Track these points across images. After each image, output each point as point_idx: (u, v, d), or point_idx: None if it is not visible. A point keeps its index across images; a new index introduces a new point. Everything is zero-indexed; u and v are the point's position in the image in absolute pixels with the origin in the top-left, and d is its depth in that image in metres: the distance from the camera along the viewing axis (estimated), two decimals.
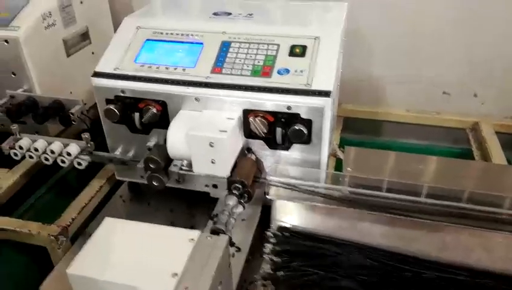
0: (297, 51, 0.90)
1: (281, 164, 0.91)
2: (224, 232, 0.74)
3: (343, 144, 1.27)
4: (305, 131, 0.84)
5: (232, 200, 0.82)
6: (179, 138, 0.85)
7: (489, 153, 1.22)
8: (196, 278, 0.62)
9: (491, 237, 0.83)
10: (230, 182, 0.84)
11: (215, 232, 0.75)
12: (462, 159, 1.33)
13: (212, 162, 0.83)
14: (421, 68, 1.43)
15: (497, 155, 1.20)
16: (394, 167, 0.95)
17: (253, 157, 0.91)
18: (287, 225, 0.91)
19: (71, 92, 1.24)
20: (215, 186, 0.89)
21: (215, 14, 1.04)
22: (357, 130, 1.50)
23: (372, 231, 0.88)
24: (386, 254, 0.84)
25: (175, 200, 1.06)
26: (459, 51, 1.38)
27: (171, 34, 0.98)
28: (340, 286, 0.82)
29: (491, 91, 1.42)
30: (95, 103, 0.96)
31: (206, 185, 0.97)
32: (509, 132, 1.36)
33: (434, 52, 1.39)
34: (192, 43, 0.96)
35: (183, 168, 0.89)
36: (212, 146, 0.81)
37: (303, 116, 0.85)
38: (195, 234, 0.68)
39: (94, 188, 1.06)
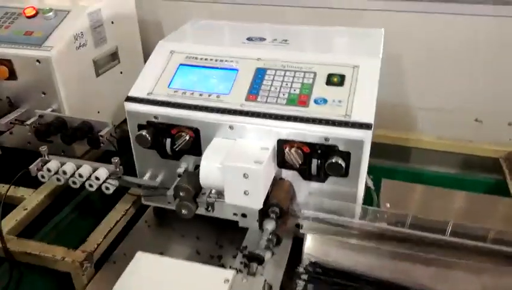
0: (335, 80, 0.88)
1: (315, 196, 0.88)
2: (263, 259, 0.71)
3: (371, 170, 1.23)
4: (343, 164, 0.81)
5: (271, 225, 0.79)
6: (212, 168, 0.82)
7: None
8: None
9: None
10: (268, 205, 0.81)
11: (253, 258, 0.72)
12: (494, 189, 1.29)
13: (245, 193, 0.80)
14: (453, 95, 1.40)
15: None
16: (431, 202, 0.91)
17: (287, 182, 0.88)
18: (319, 261, 0.87)
19: (98, 112, 1.23)
20: (244, 215, 0.86)
21: (249, 39, 1.02)
22: (386, 156, 1.46)
23: (408, 270, 0.84)
24: None
25: (201, 226, 1.03)
26: (490, 79, 1.34)
27: (205, 59, 0.96)
28: None
29: None
30: (121, 122, 0.94)
31: (235, 214, 0.94)
32: None
33: (467, 79, 1.36)
34: (226, 69, 0.94)
35: (212, 195, 0.87)
36: (246, 177, 0.78)
37: (341, 148, 0.81)
38: (230, 274, 0.65)
39: (120, 212, 1.04)
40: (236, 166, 0.79)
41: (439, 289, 0.80)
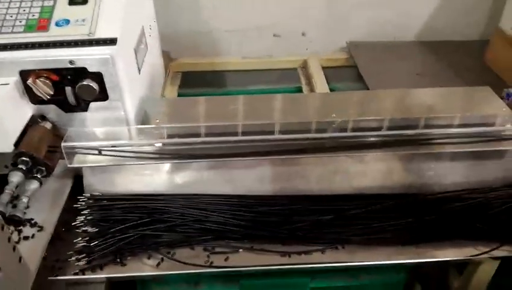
0: None
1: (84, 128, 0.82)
2: (4, 215, 0.65)
3: None
4: (95, 86, 0.76)
5: (16, 176, 0.71)
6: None
7: (315, 86, 1.27)
8: None
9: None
10: (15, 155, 0.73)
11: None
12: None
13: None
14: (253, 14, 1.43)
15: (322, 88, 1.26)
16: (208, 111, 0.92)
17: (47, 125, 0.80)
18: (101, 192, 0.83)
19: None
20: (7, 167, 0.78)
21: None
22: (197, 84, 1.45)
23: (190, 180, 0.86)
24: (200, 199, 0.82)
25: None
26: None
27: None
28: (162, 241, 0.78)
29: (317, 29, 1.48)
30: None
31: (6, 166, 0.85)
32: (334, 65, 1.43)
33: None
34: None
35: None
36: None
37: (91, 69, 0.76)
38: None
39: None
40: None
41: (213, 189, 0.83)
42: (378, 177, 0.86)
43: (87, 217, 0.79)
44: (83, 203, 0.81)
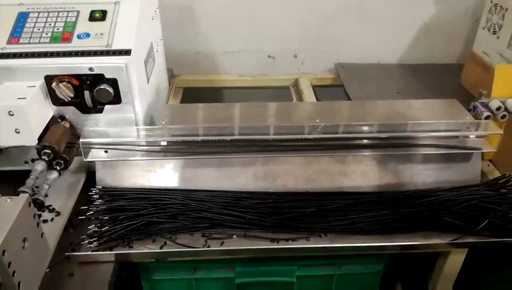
0: (98, 16, 0.93)
1: (98, 127, 0.93)
2: (42, 203, 0.75)
3: None
4: (111, 90, 0.88)
5: (40, 165, 0.82)
6: None
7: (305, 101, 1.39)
8: None
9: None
10: (40, 148, 0.83)
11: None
12: None
13: (17, 132, 0.82)
14: (249, 37, 1.57)
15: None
16: (209, 115, 1.03)
17: (66, 124, 0.91)
18: (111, 185, 0.93)
19: None
20: (34, 161, 0.88)
21: None
22: (197, 99, 1.57)
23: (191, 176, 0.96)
24: (200, 192, 0.92)
25: None
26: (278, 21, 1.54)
27: None
28: (165, 227, 0.87)
29: (308, 52, 1.62)
30: None
31: (26, 162, 0.95)
32: (322, 84, 1.56)
33: (260, 22, 1.54)
34: None
35: None
36: (12, 115, 0.80)
37: (107, 76, 0.88)
38: None
39: None
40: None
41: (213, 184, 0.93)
42: (357, 176, 0.96)
43: (99, 207, 0.89)
44: (95, 194, 0.90)
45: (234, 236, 0.87)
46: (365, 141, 0.95)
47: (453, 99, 1.05)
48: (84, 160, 0.90)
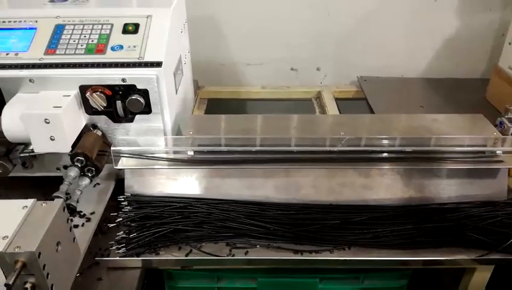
0: (130, 29, 0.96)
1: (128, 136, 0.96)
2: (74, 208, 0.77)
3: None
4: (142, 100, 0.90)
5: (74, 171, 0.85)
6: (13, 119, 0.85)
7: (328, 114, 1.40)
8: (27, 238, 0.64)
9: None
10: (73, 155, 0.86)
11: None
12: None
13: (52, 139, 0.85)
14: (272, 49, 1.59)
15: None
16: (234, 126, 1.04)
17: (98, 133, 0.94)
18: (139, 192, 0.96)
19: None
20: (66, 167, 0.91)
21: (51, 1, 1.05)
22: (221, 110, 1.60)
23: (215, 185, 0.98)
24: (224, 202, 0.94)
25: (31, 190, 1.04)
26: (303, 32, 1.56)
27: (3, 22, 0.97)
28: (191, 235, 0.89)
29: (331, 65, 1.63)
30: None
31: (58, 169, 0.99)
32: (345, 97, 1.57)
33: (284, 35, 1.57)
34: (25, 29, 0.96)
35: (26, 151, 0.90)
36: (48, 123, 0.83)
37: (139, 87, 0.90)
38: (29, 202, 0.70)
39: None
40: (36, 113, 0.83)
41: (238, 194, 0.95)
42: (381, 189, 0.96)
43: (127, 213, 0.91)
44: (124, 201, 0.93)
45: (257, 246, 0.88)
46: (389, 154, 0.96)
47: (479, 114, 1.05)
48: (115, 167, 0.93)
